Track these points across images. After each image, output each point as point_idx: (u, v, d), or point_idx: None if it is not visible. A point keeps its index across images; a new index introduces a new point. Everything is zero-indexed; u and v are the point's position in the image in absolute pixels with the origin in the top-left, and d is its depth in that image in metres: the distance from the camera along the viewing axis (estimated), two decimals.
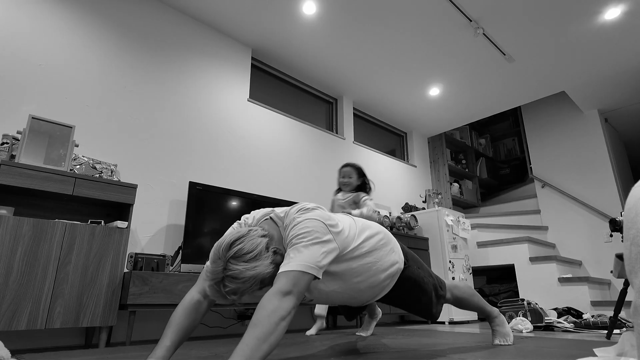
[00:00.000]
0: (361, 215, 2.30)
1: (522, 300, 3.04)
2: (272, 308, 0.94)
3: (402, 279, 1.47)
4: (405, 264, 1.49)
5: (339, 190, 2.69)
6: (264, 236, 1.10)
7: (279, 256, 1.11)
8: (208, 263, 1.05)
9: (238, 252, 1.02)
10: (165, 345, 1.06)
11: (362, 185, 2.63)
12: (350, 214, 2.26)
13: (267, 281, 1.09)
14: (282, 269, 1.04)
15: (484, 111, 4.68)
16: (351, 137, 4.26)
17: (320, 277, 1.09)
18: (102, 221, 2.11)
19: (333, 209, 2.63)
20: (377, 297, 1.47)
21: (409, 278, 1.48)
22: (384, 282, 1.41)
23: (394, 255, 1.43)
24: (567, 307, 3.19)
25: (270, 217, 1.24)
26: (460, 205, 5.51)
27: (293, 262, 1.04)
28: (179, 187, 2.74)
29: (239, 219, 1.36)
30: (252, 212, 1.36)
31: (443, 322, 3.59)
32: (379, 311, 2.28)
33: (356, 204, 2.56)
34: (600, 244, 4.35)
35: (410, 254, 1.57)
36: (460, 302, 1.67)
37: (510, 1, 2.98)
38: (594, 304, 3.47)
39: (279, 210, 1.25)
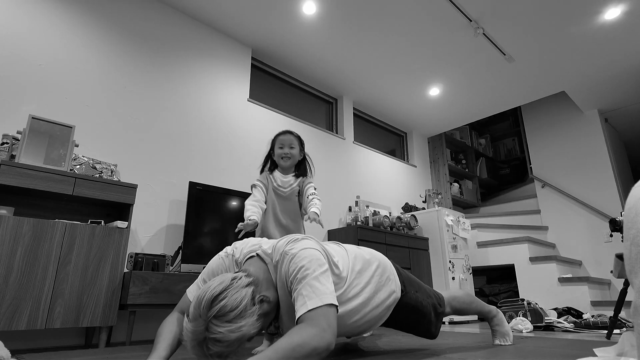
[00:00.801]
0: (308, 221, 1.73)
1: (522, 300, 3.04)
2: (299, 342, 0.86)
3: (400, 307, 1.42)
4: (402, 291, 1.43)
5: (272, 166, 1.97)
6: (249, 285, 1.00)
7: (265, 304, 1.03)
8: (186, 320, 0.94)
9: (221, 311, 0.91)
10: (163, 347, 1.04)
11: (303, 163, 1.96)
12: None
13: (254, 335, 1.00)
14: (302, 309, 0.94)
15: (484, 111, 4.68)
16: (351, 137, 4.26)
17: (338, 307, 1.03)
18: (102, 221, 2.11)
19: (266, 196, 1.88)
20: (373, 327, 1.42)
21: (407, 305, 1.43)
22: (381, 314, 1.37)
23: (390, 285, 1.38)
24: (567, 307, 3.19)
25: (257, 254, 1.17)
26: (460, 205, 5.51)
27: (314, 298, 0.95)
28: (179, 187, 2.74)
29: (229, 245, 1.31)
30: (238, 243, 1.28)
31: (443, 322, 3.59)
32: None
33: (299, 197, 1.90)
34: (600, 244, 4.35)
35: (407, 277, 1.51)
36: (460, 312, 1.66)
37: (511, 1, 2.98)
38: (594, 304, 3.47)
39: (266, 246, 1.17)
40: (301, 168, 1.95)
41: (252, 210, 1.73)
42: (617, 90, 4.31)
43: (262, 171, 2.00)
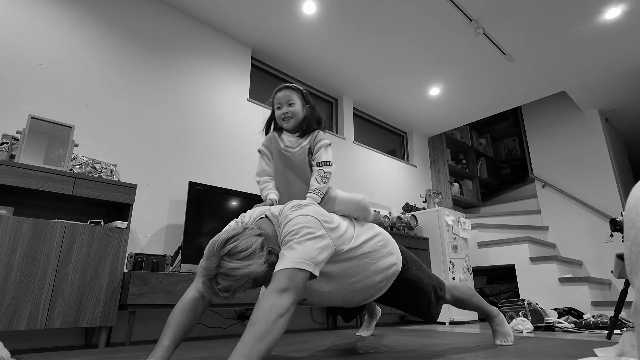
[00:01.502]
0: (322, 189, 1.48)
1: (523, 300, 3.04)
2: (270, 306, 0.94)
3: (401, 281, 1.46)
4: (403, 265, 1.48)
5: (276, 128, 1.66)
6: (259, 235, 1.10)
7: (273, 256, 1.10)
8: (202, 260, 1.06)
9: (232, 250, 1.02)
10: (164, 345, 1.06)
11: (311, 117, 1.61)
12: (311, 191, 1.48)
13: (260, 280, 1.08)
14: (277, 267, 1.03)
15: (484, 111, 4.67)
16: (351, 137, 4.26)
17: (318, 275, 1.08)
18: (102, 221, 2.11)
19: (282, 164, 1.60)
20: (372, 297, 1.47)
21: (408, 280, 1.47)
22: (380, 284, 1.41)
23: (392, 257, 1.43)
24: (567, 307, 3.19)
25: (266, 216, 1.23)
26: (461, 205, 5.51)
27: (287, 260, 1.03)
28: (179, 187, 2.74)
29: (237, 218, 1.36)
30: (248, 210, 1.35)
31: (443, 323, 3.58)
32: (379, 310, 2.27)
33: (310, 155, 1.57)
34: (601, 244, 4.35)
35: (410, 255, 1.56)
36: (460, 303, 1.67)
37: (511, 1, 2.97)
38: (595, 304, 3.47)
39: (275, 209, 1.24)
40: (307, 124, 1.60)
41: (269, 188, 1.57)
42: (618, 90, 4.31)
43: (266, 133, 1.70)
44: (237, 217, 1.35)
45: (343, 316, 1.81)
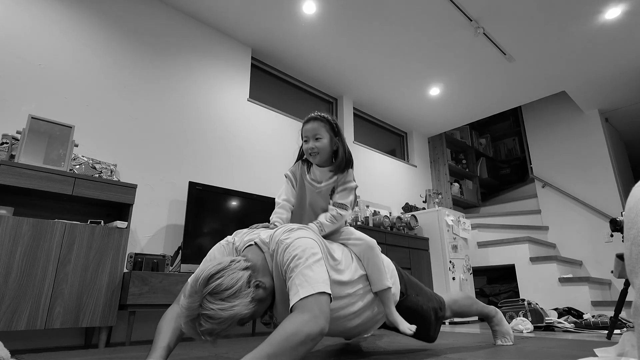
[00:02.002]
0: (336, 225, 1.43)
1: (523, 300, 3.04)
2: (292, 331, 0.87)
3: (401, 310, 1.41)
4: (402, 294, 1.42)
5: (305, 162, 1.56)
6: (246, 269, 1.02)
7: (261, 290, 1.04)
8: (183, 297, 0.97)
9: (216, 288, 0.93)
10: (162, 346, 1.03)
11: (340, 153, 1.48)
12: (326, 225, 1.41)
13: (246, 320, 1.01)
14: (295, 298, 0.96)
15: (484, 111, 4.67)
16: (351, 137, 4.26)
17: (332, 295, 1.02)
18: (102, 221, 2.11)
19: (304, 195, 1.53)
20: (370, 330, 1.42)
21: (408, 308, 1.43)
22: (377, 316, 1.37)
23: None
24: (567, 307, 3.19)
25: (255, 243, 1.17)
26: (461, 205, 5.50)
27: (308, 285, 0.96)
28: (179, 187, 2.74)
29: (223, 233, 1.31)
30: (238, 232, 1.29)
31: (444, 323, 3.58)
32: None
33: (333, 193, 1.49)
34: (601, 244, 4.35)
35: (408, 280, 1.50)
36: (460, 315, 1.66)
37: (511, 1, 2.97)
38: (595, 304, 3.47)
39: (264, 235, 1.17)
40: (337, 161, 1.47)
41: (279, 215, 1.48)
42: (618, 90, 4.31)
43: (298, 159, 1.59)
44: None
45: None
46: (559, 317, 3.00)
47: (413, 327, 1.34)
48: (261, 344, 0.86)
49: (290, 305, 0.96)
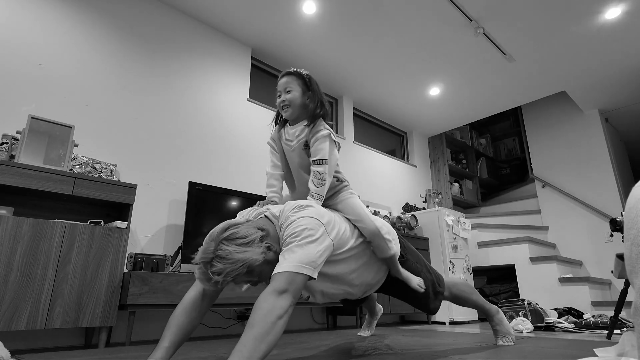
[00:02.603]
0: (317, 180, 1.35)
1: (523, 300, 3.04)
2: (269, 307, 0.93)
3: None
4: (402, 256, 1.49)
5: (281, 124, 1.54)
6: (261, 229, 1.10)
7: (271, 253, 1.10)
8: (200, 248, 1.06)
9: (232, 235, 1.03)
10: (164, 346, 1.06)
11: (312, 104, 1.45)
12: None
13: (255, 273, 1.07)
14: (276, 269, 1.03)
15: (484, 111, 4.67)
16: (351, 137, 4.26)
17: (316, 277, 1.07)
18: (102, 221, 2.11)
19: (284, 157, 1.52)
20: (373, 289, 1.49)
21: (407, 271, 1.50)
22: (377, 275, 1.44)
23: (391, 247, 1.45)
24: (567, 307, 3.19)
25: (266, 216, 1.22)
26: (461, 205, 5.50)
27: (287, 263, 1.03)
28: (179, 187, 2.74)
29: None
30: (247, 209, 1.34)
31: (443, 322, 3.58)
32: (380, 308, 2.27)
33: (307, 149, 1.43)
34: (601, 244, 4.35)
35: (409, 247, 1.58)
36: (459, 300, 1.67)
37: (511, 1, 2.97)
38: (595, 304, 3.47)
39: (275, 209, 1.23)
40: (309, 113, 1.44)
41: (273, 188, 1.48)
42: (618, 90, 4.31)
43: (276, 123, 1.57)
44: (236, 217, 1.34)
45: (346, 307, 1.84)
46: (559, 317, 3.00)
47: (423, 285, 1.45)
48: (245, 329, 0.91)
49: (273, 273, 1.03)
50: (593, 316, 2.81)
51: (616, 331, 2.36)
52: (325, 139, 1.38)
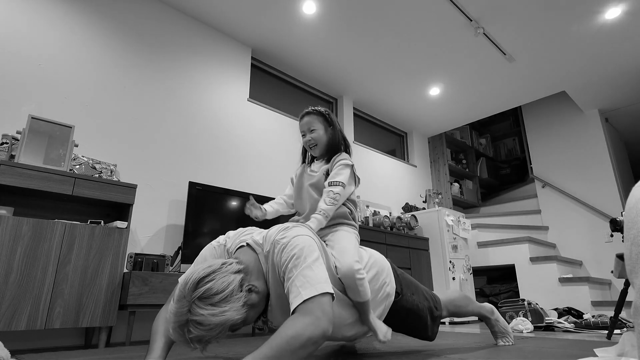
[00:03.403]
0: (320, 223, 1.34)
1: (523, 300, 3.04)
2: (293, 334, 0.84)
3: (396, 309, 1.40)
4: (398, 294, 1.40)
5: (311, 159, 1.63)
6: (238, 272, 0.98)
7: (254, 294, 1.01)
8: (171, 302, 0.93)
9: (206, 293, 0.89)
10: (159, 346, 1.03)
11: (335, 139, 1.55)
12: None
13: (238, 326, 0.97)
14: (297, 300, 0.92)
15: (484, 111, 4.67)
16: (351, 137, 4.26)
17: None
18: (102, 221, 2.11)
19: (301, 192, 1.57)
20: (365, 334, 1.38)
21: (403, 307, 1.41)
22: (355, 315, 1.30)
23: (385, 289, 1.35)
24: (567, 307, 3.19)
25: (248, 244, 1.13)
26: (461, 205, 5.51)
27: (308, 288, 0.92)
28: (179, 187, 2.74)
29: (223, 233, 1.29)
30: (231, 232, 1.26)
31: (443, 323, 3.58)
32: None
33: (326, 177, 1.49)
34: (601, 244, 4.35)
35: (404, 278, 1.47)
36: (457, 314, 1.65)
37: (511, 1, 2.97)
38: (595, 304, 3.47)
39: (257, 236, 1.14)
40: (333, 148, 1.53)
41: (270, 204, 1.60)
42: (618, 90, 4.31)
43: (303, 160, 1.67)
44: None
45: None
46: (559, 317, 3.00)
47: (389, 336, 1.29)
48: (261, 346, 0.84)
49: (292, 308, 0.93)
50: (593, 316, 2.81)
51: (616, 331, 2.36)
52: (347, 167, 1.45)
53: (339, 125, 1.58)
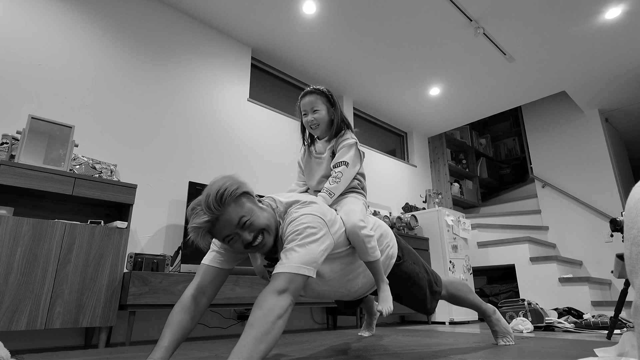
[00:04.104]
0: (325, 202, 1.41)
1: (523, 300, 3.04)
2: (268, 307, 0.93)
3: (396, 274, 1.47)
4: (399, 258, 1.48)
5: (310, 138, 1.65)
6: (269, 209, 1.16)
7: (267, 235, 1.13)
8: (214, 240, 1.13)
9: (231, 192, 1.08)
10: (164, 345, 1.05)
11: (337, 120, 1.56)
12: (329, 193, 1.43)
13: (254, 226, 1.09)
14: (277, 269, 1.02)
15: (484, 111, 4.67)
16: None
17: (315, 276, 1.07)
18: (102, 221, 2.11)
19: (311, 171, 1.61)
20: (368, 292, 1.48)
21: (403, 273, 1.48)
22: (365, 279, 1.42)
23: (388, 250, 1.44)
24: (567, 308, 3.19)
25: (273, 199, 1.23)
26: (461, 205, 5.50)
27: (288, 263, 1.02)
28: (179, 187, 2.74)
29: None
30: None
31: (443, 322, 3.58)
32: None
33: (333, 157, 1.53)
34: (601, 244, 4.35)
35: (407, 248, 1.56)
36: (456, 299, 1.67)
37: (511, 1, 2.97)
38: (595, 304, 3.47)
39: (283, 198, 1.23)
40: (333, 129, 1.55)
41: (292, 188, 1.71)
42: (618, 90, 4.31)
43: (304, 142, 1.68)
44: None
45: (342, 308, 1.83)
46: (559, 317, 3.00)
47: (388, 310, 1.32)
48: (245, 329, 0.91)
49: (274, 272, 1.02)
50: (593, 316, 2.81)
51: (616, 331, 2.36)
52: (351, 147, 1.50)
53: (339, 104, 1.59)
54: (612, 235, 2.41)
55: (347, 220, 1.30)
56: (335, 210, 1.39)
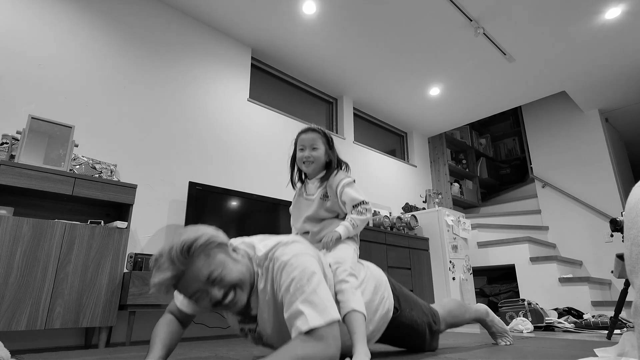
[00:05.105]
0: (347, 231, 1.39)
1: (523, 300, 3.04)
2: (303, 355, 0.82)
3: (395, 325, 1.36)
4: (396, 309, 1.36)
5: (300, 175, 1.65)
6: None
7: (239, 291, 0.99)
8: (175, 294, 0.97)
9: (205, 243, 0.94)
10: (160, 346, 1.04)
11: (332, 163, 1.57)
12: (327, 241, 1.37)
13: (226, 281, 0.94)
14: (303, 327, 0.87)
15: (484, 111, 4.68)
16: (351, 137, 4.26)
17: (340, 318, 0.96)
18: (102, 221, 2.11)
19: (299, 211, 1.58)
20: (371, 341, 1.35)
21: (402, 323, 1.37)
22: (371, 334, 1.29)
23: (384, 304, 1.31)
24: (567, 308, 3.19)
25: (244, 250, 1.08)
26: (461, 205, 5.50)
27: (316, 317, 0.88)
28: (179, 187, 2.74)
29: (230, 234, 1.23)
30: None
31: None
32: None
33: (327, 199, 1.49)
34: (601, 244, 4.35)
35: (402, 294, 1.43)
36: (455, 325, 1.64)
37: (511, 1, 2.97)
38: (595, 304, 3.47)
39: (260, 244, 1.08)
40: (328, 171, 1.54)
41: None
42: (618, 90, 4.31)
43: (291, 180, 1.66)
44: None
45: None
46: (559, 317, 3.00)
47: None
48: (267, 357, 0.81)
49: (297, 333, 0.88)
50: (593, 316, 2.81)
51: (616, 331, 2.36)
52: (352, 185, 1.49)
53: (336, 152, 1.61)
54: (612, 235, 2.41)
55: (336, 271, 1.20)
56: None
